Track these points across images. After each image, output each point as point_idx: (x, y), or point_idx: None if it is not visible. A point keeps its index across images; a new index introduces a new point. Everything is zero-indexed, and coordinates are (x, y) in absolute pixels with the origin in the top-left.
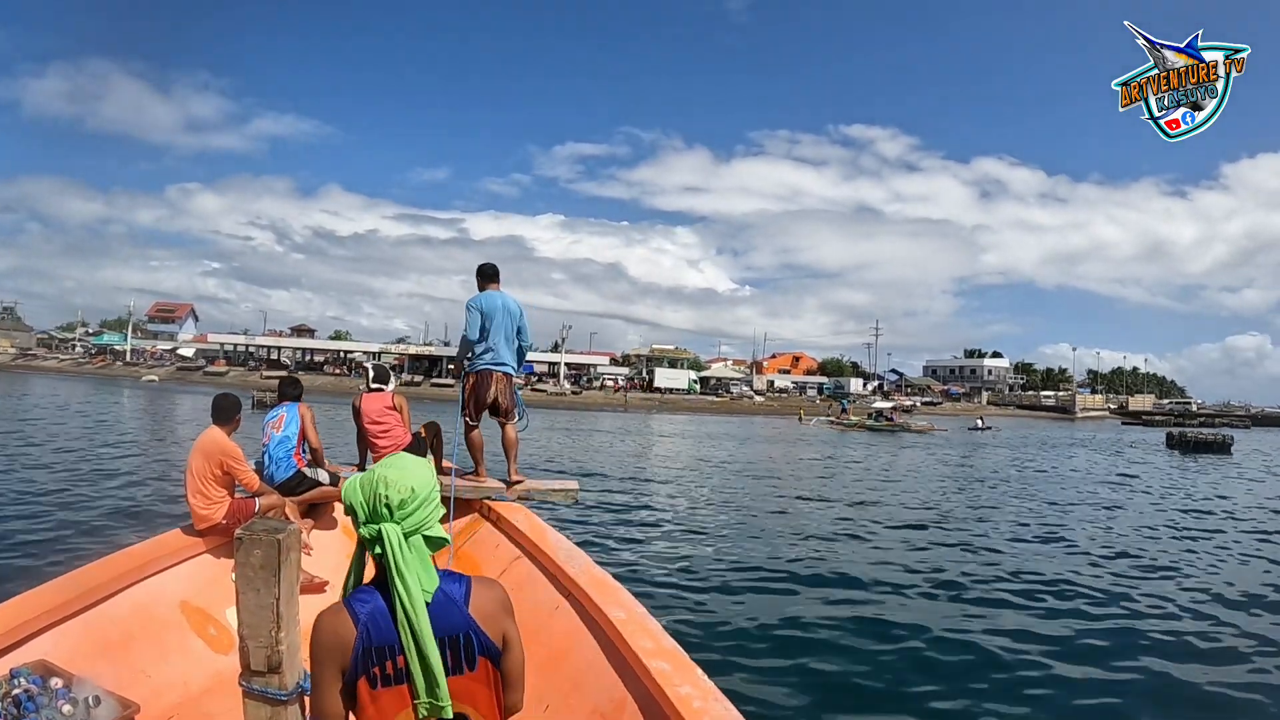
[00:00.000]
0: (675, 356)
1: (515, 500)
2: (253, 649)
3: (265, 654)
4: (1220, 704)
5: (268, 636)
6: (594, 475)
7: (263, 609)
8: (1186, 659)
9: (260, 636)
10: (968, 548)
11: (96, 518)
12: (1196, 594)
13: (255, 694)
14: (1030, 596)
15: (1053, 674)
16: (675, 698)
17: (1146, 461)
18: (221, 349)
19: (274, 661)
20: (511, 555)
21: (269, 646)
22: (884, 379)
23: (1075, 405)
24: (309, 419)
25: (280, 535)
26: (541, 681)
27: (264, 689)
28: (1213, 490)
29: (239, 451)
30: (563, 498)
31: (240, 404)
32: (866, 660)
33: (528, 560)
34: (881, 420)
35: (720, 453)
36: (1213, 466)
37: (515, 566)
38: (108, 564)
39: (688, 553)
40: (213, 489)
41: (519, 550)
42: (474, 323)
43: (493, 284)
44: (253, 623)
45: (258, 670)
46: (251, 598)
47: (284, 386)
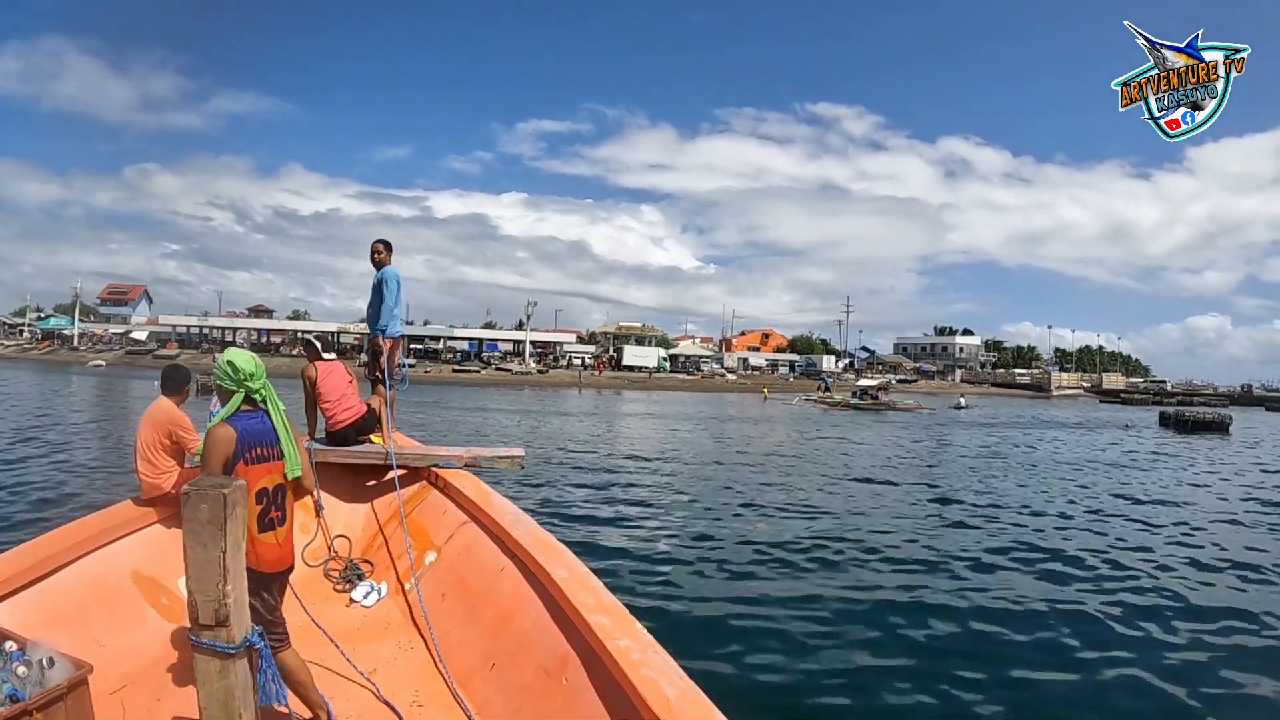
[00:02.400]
0: (643, 334)
1: (463, 468)
2: (201, 603)
3: (213, 608)
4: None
5: (215, 590)
6: (587, 469)
7: (210, 563)
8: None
9: (208, 590)
10: (1039, 549)
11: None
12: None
13: (204, 648)
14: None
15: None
16: (615, 650)
17: (1157, 443)
18: (174, 331)
19: (221, 615)
20: (459, 520)
21: (217, 600)
22: (855, 356)
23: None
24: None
25: (226, 490)
26: (489, 641)
27: (213, 642)
28: (1242, 473)
29: (188, 421)
30: (509, 465)
31: (190, 375)
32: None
33: (474, 525)
34: (866, 399)
35: (712, 437)
36: (1221, 447)
37: (462, 531)
38: (59, 535)
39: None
40: (161, 458)
41: (466, 516)
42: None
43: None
44: (200, 576)
45: (206, 624)
46: (199, 552)
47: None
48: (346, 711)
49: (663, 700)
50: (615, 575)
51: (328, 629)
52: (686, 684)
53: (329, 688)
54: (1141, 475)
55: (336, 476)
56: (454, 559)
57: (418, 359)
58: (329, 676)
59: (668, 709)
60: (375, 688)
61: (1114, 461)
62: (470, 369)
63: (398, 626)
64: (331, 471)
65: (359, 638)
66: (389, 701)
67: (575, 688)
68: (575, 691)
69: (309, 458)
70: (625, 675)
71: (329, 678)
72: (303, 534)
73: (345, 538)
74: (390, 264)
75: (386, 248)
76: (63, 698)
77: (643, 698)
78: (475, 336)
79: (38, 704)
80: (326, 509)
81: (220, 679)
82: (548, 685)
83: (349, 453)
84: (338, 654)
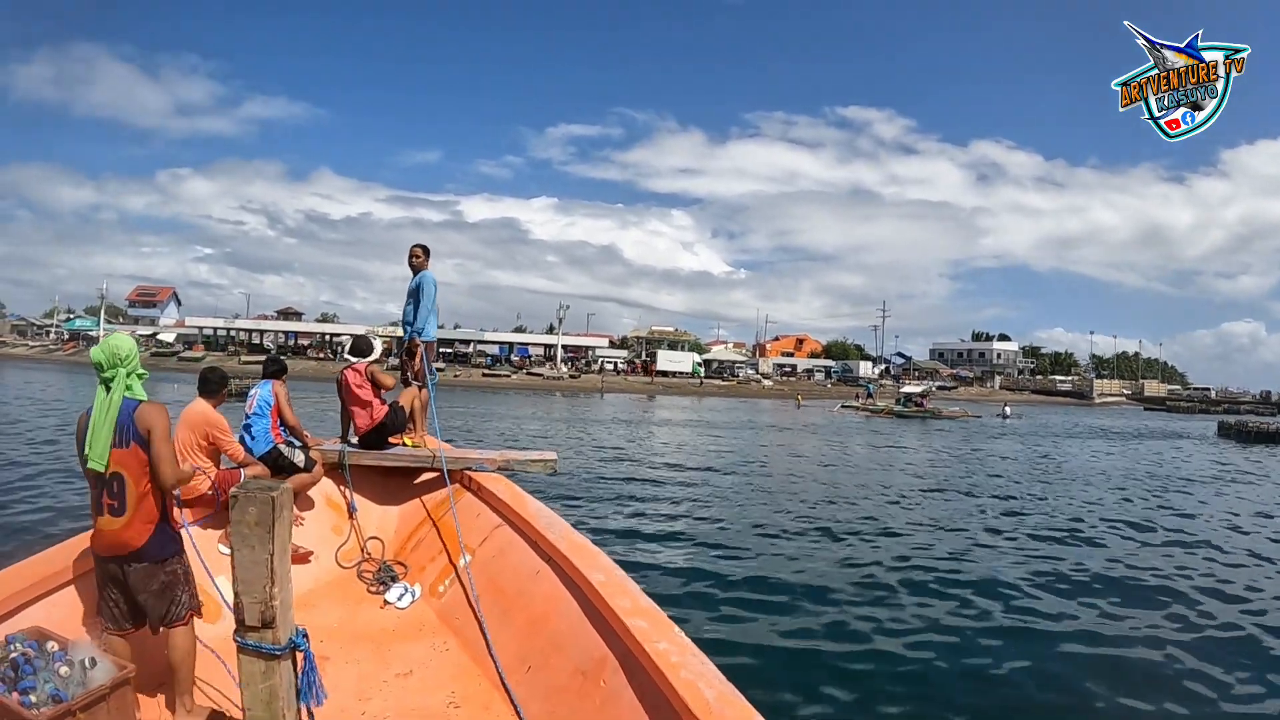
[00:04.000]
0: (676, 338)
1: (496, 471)
2: (247, 604)
3: (260, 609)
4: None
5: (262, 592)
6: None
7: (257, 564)
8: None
9: (255, 592)
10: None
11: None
12: None
13: (250, 649)
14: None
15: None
16: (654, 653)
17: (1228, 456)
18: (200, 333)
19: (268, 617)
20: (493, 523)
21: (264, 602)
22: (890, 362)
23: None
24: (283, 396)
25: (274, 493)
26: (525, 643)
27: (258, 644)
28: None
29: (225, 423)
30: (541, 468)
31: (227, 378)
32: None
33: (508, 528)
34: (910, 406)
35: (754, 447)
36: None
37: (496, 534)
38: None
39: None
40: (198, 459)
41: (499, 518)
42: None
43: (424, 264)
44: (247, 578)
45: (252, 625)
46: (246, 554)
47: (265, 365)
48: (383, 712)
49: (702, 703)
50: (659, 586)
51: (362, 631)
52: (726, 687)
53: (364, 688)
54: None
55: (370, 479)
56: (488, 561)
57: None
58: (364, 677)
59: (708, 711)
60: (410, 689)
61: (1194, 476)
62: (501, 373)
63: (432, 628)
64: (364, 474)
65: (393, 639)
66: (425, 703)
67: (613, 690)
68: (613, 693)
69: (341, 458)
70: (665, 677)
71: (364, 678)
72: (336, 536)
73: (379, 540)
74: (428, 269)
75: (425, 252)
76: (105, 698)
77: (683, 700)
78: (506, 340)
79: (81, 704)
80: (360, 511)
81: (264, 680)
82: (585, 687)
83: (382, 455)
84: (373, 655)
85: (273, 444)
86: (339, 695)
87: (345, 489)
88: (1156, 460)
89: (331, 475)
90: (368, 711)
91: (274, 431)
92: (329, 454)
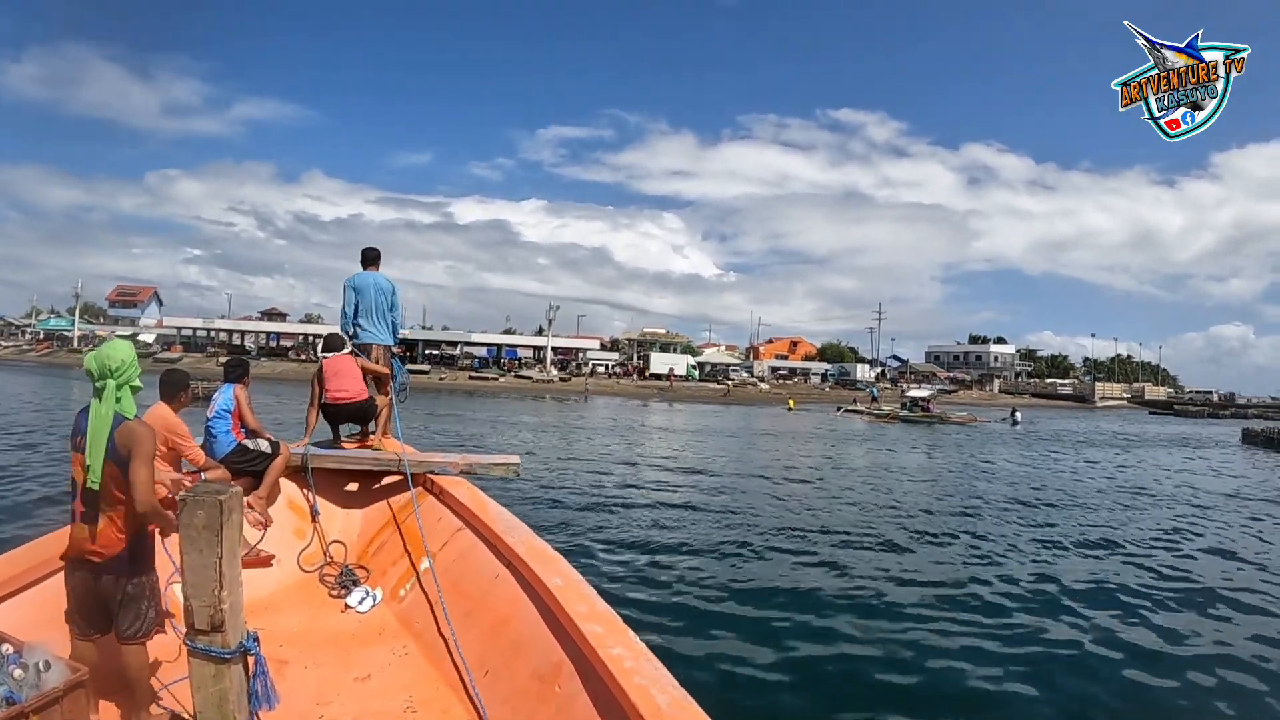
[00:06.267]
0: (668, 340)
1: (458, 474)
2: (197, 608)
3: (209, 613)
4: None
5: (211, 595)
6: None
7: (206, 568)
8: None
9: (204, 595)
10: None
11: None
12: None
13: (199, 652)
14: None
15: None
16: (608, 659)
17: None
18: (179, 334)
19: (217, 620)
20: (454, 527)
21: (212, 605)
22: (886, 365)
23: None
24: (244, 400)
25: (222, 497)
26: (484, 647)
27: (208, 647)
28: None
29: (185, 428)
30: (504, 472)
31: (188, 380)
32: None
33: (470, 532)
34: (917, 410)
35: (760, 456)
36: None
37: (458, 538)
38: (57, 538)
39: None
40: (159, 465)
41: (461, 522)
42: (349, 299)
43: (372, 266)
44: (196, 582)
45: (201, 629)
46: (195, 557)
47: (226, 368)
48: (341, 716)
49: (655, 708)
50: (623, 593)
51: (323, 635)
52: (679, 692)
53: (323, 692)
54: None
55: (332, 482)
56: (449, 565)
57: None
58: (323, 681)
59: (660, 717)
60: (368, 694)
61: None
62: (488, 376)
63: (392, 632)
64: (327, 476)
65: (354, 643)
66: (384, 707)
67: (569, 695)
68: (569, 698)
69: (301, 462)
70: (618, 683)
71: (323, 682)
72: (298, 539)
73: (341, 543)
74: (365, 269)
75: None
76: (59, 701)
77: (635, 705)
78: (494, 342)
79: (34, 707)
80: (322, 514)
81: (215, 683)
82: (541, 691)
83: (345, 458)
84: (332, 659)
85: (235, 443)
86: (297, 699)
87: (308, 492)
88: (1213, 473)
89: (294, 478)
90: (325, 716)
91: (235, 431)
92: (292, 457)
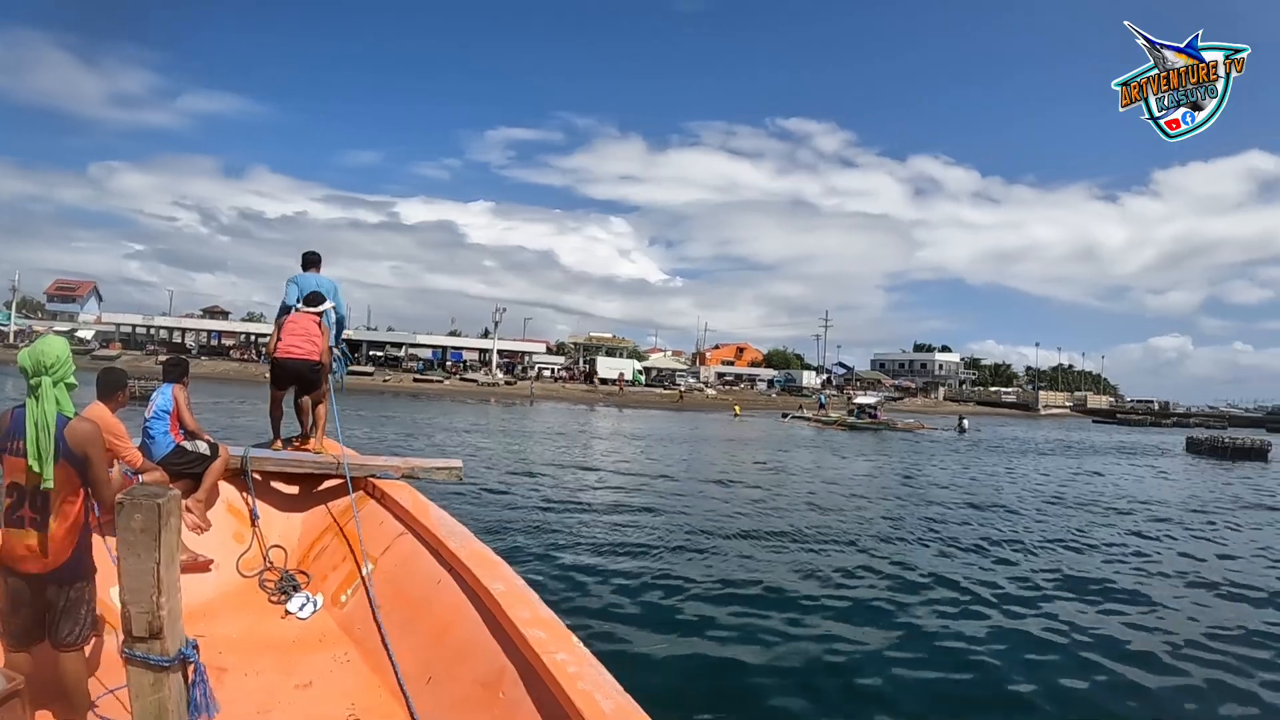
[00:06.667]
0: (614, 345)
1: (400, 478)
2: (135, 615)
3: (147, 619)
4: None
5: (149, 602)
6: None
7: (144, 573)
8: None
9: (142, 602)
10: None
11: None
12: None
13: (138, 660)
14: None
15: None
16: (551, 664)
17: (1216, 474)
18: (118, 330)
19: (155, 627)
20: (396, 531)
21: (150, 612)
22: (832, 372)
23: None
24: (183, 400)
25: (160, 500)
26: (426, 654)
27: (146, 655)
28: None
29: (123, 428)
30: (447, 476)
31: (126, 379)
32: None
33: (412, 536)
34: (864, 417)
35: (706, 466)
36: (1267, 474)
37: (400, 543)
38: None
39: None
40: None
41: (403, 527)
42: (290, 293)
43: (313, 268)
44: (134, 587)
45: (140, 636)
46: (133, 562)
47: (165, 368)
48: None
49: (598, 713)
50: (571, 598)
51: (263, 641)
52: (623, 698)
53: (264, 700)
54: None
55: (273, 485)
56: (391, 571)
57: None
58: (264, 689)
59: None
60: (310, 701)
61: (1230, 503)
62: (433, 378)
63: (334, 639)
64: (268, 480)
65: (295, 650)
66: (326, 715)
67: (512, 701)
68: (512, 704)
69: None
70: (561, 689)
71: (263, 690)
72: (238, 544)
73: (281, 548)
74: (305, 270)
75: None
76: None
77: (579, 711)
78: (439, 344)
79: None
80: (262, 519)
81: (154, 692)
82: (484, 698)
83: (285, 460)
84: (273, 666)
85: (173, 444)
86: (237, 707)
87: (247, 495)
88: (1164, 478)
89: (234, 481)
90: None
91: (174, 432)
92: (232, 459)
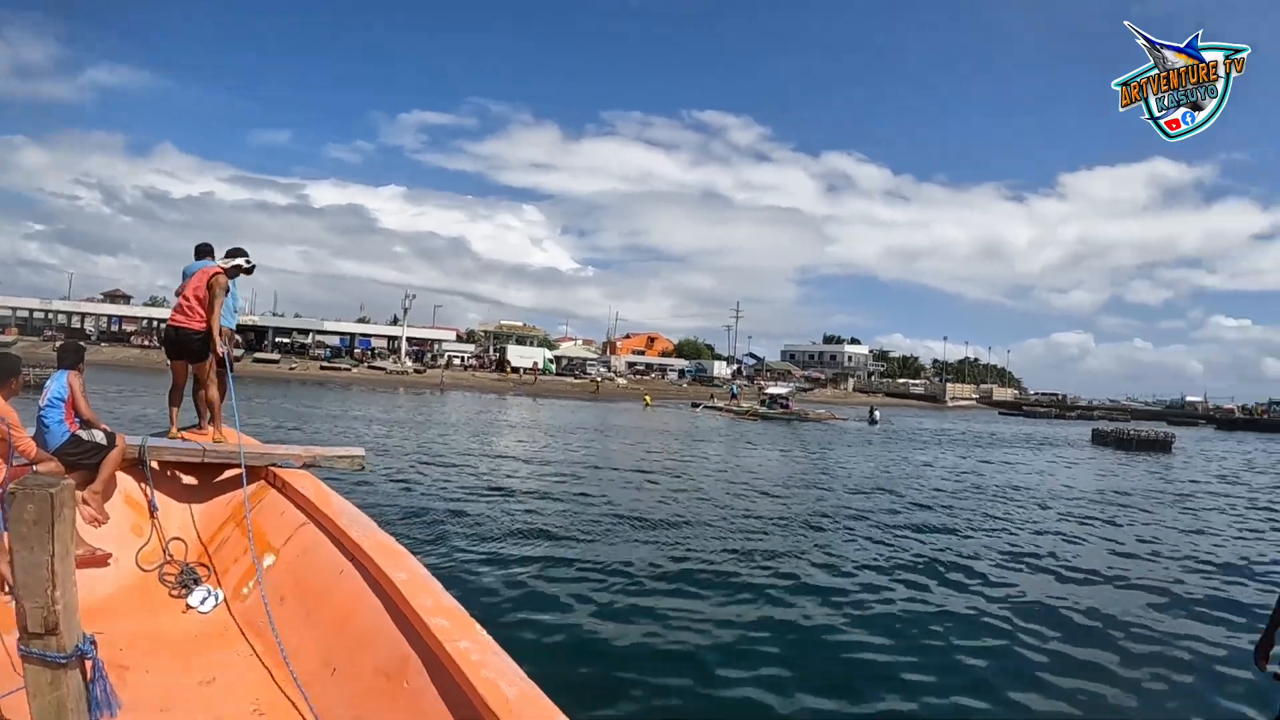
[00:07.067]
0: (524, 334)
1: (301, 468)
2: (30, 610)
3: (42, 614)
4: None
5: (44, 596)
6: None
7: (38, 567)
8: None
9: (36, 596)
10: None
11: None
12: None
13: (34, 657)
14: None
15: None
16: (455, 652)
17: (1122, 464)
18: (14, 315)
19: (51, 622)
20: (298, 521)
21: (45, 607)
22: (742, 363)
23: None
24: (78, 387)
25: (54, 490)
26: (329, 645)
27: (42, 652)
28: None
29: (15, 416)
30: (349, 465)
31: (20, 365)
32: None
33: (314, 526)
34: (776, 407)
35: (623, 458)
36: (1173, 465)
37: (301, 533)
38: None
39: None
40: None
41: (305, 517)
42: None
43: (208, 257)
44: (28, 582)
45: (35, 632)
46: (26, 556)
47: (60, 353)
48: None
49: (503, 701)
50: (475, 587)
51: (163, 637)
52: (527, 685)
53: (165, 698)
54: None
55: (171, 475)
56: (292, 561)
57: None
58: (165, 686)
59: (508, 709)
60: (213, 698)
61: (1138, 490)
62: (341, 366)
63: (235, 633)
64: (165, 469)
65: (197, 645)
66: (230, 711)
67: (416, 690)
68: (416, 694)
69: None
70: (465, 677)
71: (165, 687)
72: (136, 536)
73: (181, 540)
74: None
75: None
76: None
77: (483, 698)
78: (347, 331)
79: None
80: (161, 510)
81: (52, 690)
82: (388, 688)
83: (183, 450)
84: (174, 662)
85: (69, 434)
86: (140, 705)
87: (146, 486)
88: (1071, 471)
89: (131, 471)
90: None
91: (69, 421)
92: (129, 449)
